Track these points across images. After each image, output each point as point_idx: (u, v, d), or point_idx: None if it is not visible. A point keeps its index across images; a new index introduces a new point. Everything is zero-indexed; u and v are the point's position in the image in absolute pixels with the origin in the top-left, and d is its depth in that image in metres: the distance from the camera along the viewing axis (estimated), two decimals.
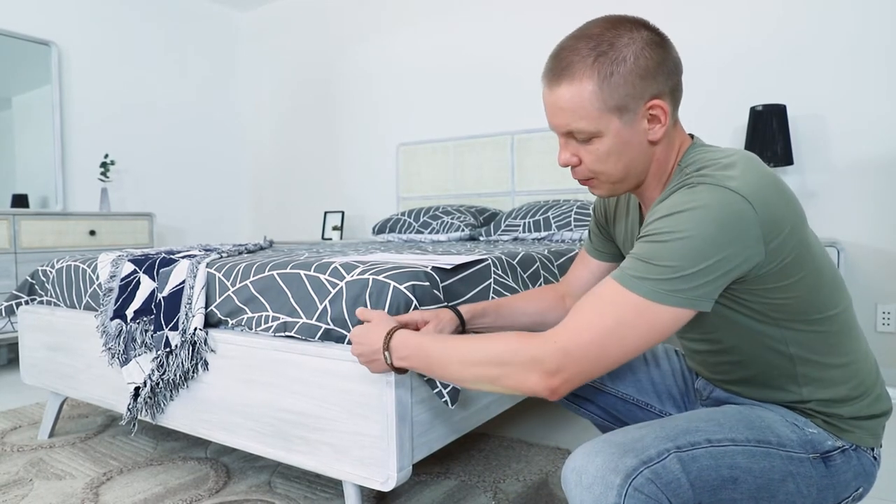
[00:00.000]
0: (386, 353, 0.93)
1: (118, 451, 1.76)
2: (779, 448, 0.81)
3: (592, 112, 0.83)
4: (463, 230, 2.97)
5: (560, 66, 0.84)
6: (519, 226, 2.80)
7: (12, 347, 3.11)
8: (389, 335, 0.93)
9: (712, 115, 2.83)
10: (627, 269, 0.77)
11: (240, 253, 1.71)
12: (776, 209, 0.76)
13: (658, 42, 0.83)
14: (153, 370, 1.44)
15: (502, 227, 2.86)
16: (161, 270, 1.52)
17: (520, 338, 0.80)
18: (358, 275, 1.22)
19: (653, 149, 0.87)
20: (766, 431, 0.82)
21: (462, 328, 1.16)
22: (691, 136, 0.93)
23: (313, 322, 1.23)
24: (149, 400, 1.47)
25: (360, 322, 1.11)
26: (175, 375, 1.39)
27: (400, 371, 0.95)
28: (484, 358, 0.82)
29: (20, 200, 3.33)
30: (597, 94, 0.82)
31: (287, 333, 1.26)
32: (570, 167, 0.91)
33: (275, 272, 1.33)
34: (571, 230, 2.61)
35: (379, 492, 1.47)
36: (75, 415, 2.13)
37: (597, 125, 0.83)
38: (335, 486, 1.50)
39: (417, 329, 1.12)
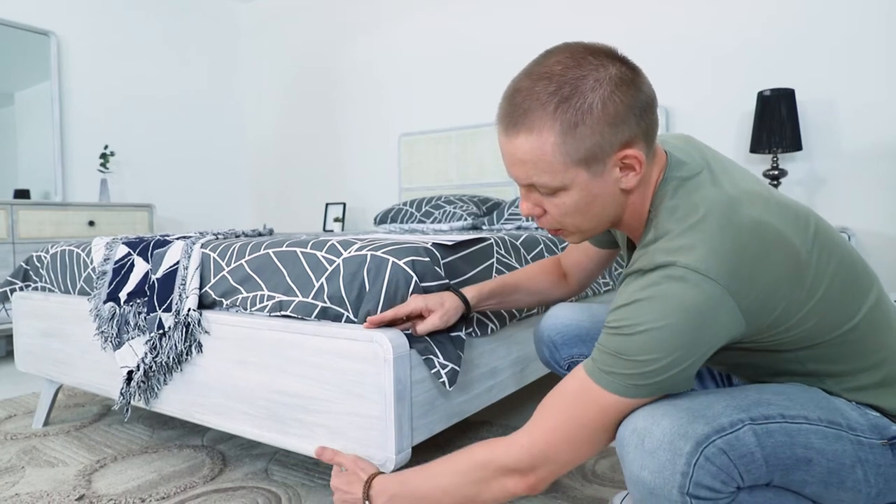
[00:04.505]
0: (366, 503, 0.91)
1: (113, 440, 1.73)
2: (849, 431, 0.74)
3: (556, 166, 0.73)
4: (465, 219, 2.93)
5: (516, 112, 0.74)
6: (521, 215, 2.75)
7: (10, 340, 3.08)
8: (368, 483, 0.92)
9: (719, 102, 2.79)
10: (598, 362, 0.73)
11: (237, 236, 1.67)
12: (749, 271, 0.69)
13: (628, 79, 0.72)
14: (146, 353, 1.40)
15: (505, 216, 2.83)
16: (155, 252, 1.49)
17: (485, 448, 0.81)
18: (356, 251, 1.18)
19: (626, 196, 0.79)
20: (835, 413, 0.75)
21: (467, 312, 1.13)
22: (666, 152, 0.82)
23: (310, 300, 1.19)
24: (142, 384, 1.43)
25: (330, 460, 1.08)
26: (168, 358, 1.35)
27: None
28: (459, 481, 0.81)
29: (22, 196, 3.29)
30: (560, 146, 0.72)
31: (283, 313, 1.22)
32: (534, 217, 0.83)
33: (270, 250, 1.29)
34: None
35: None
36: (71, 404, 2.09)
37: (562, 179, 0.74)
38: None
39: (422, 317, 1.08)
